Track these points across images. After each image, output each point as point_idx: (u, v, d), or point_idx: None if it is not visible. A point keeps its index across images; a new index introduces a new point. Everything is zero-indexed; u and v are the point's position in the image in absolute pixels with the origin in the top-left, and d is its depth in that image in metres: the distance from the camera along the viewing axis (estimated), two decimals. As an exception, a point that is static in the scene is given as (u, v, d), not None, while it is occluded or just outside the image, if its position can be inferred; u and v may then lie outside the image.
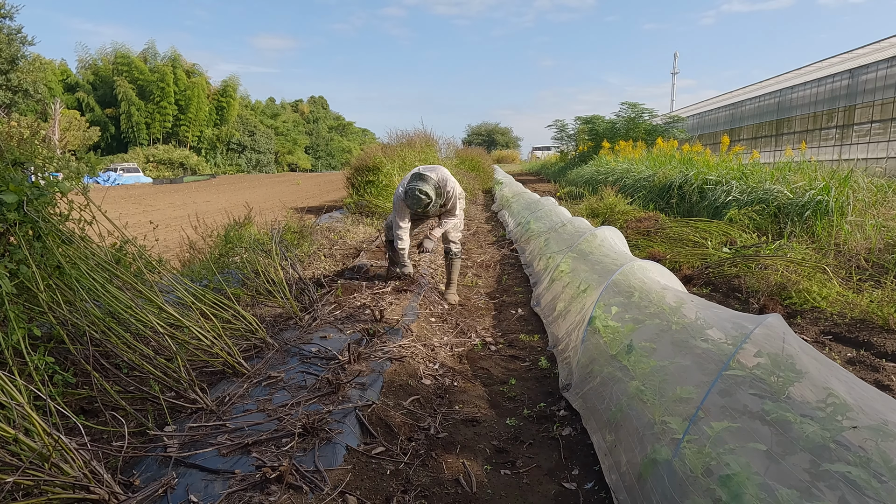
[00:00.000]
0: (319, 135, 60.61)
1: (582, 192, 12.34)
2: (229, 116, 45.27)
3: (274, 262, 3.99)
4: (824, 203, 5.90)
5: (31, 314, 2.28)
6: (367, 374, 2.59)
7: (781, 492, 1.33)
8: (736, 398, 1.69)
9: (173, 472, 1.76)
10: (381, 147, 11.92)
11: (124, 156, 36.59)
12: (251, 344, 2.94)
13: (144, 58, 40.69)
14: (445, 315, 4.17)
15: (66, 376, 2.20)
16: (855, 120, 12.70)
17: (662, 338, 2.31)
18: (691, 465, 1.56)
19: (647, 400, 1.99)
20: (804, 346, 1.78)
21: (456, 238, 4.48)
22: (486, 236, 8.55)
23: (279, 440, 1.97)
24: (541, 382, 2.99)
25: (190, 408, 2.22)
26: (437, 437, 2.30)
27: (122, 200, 17.56)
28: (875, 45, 13.54)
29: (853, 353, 3.08)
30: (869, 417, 1.46)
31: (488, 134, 71.40)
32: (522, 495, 1.97)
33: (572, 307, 3.46)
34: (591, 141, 22.19)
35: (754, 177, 7.68)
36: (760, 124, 17.40)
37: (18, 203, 2.24)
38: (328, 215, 9.13)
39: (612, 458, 2.01)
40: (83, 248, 2.55)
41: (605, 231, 4.37)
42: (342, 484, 1.76)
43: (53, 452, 1.52)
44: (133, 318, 2.37)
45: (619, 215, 8.00)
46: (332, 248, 6.36)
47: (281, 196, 17.65)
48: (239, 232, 5.28)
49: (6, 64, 24.68)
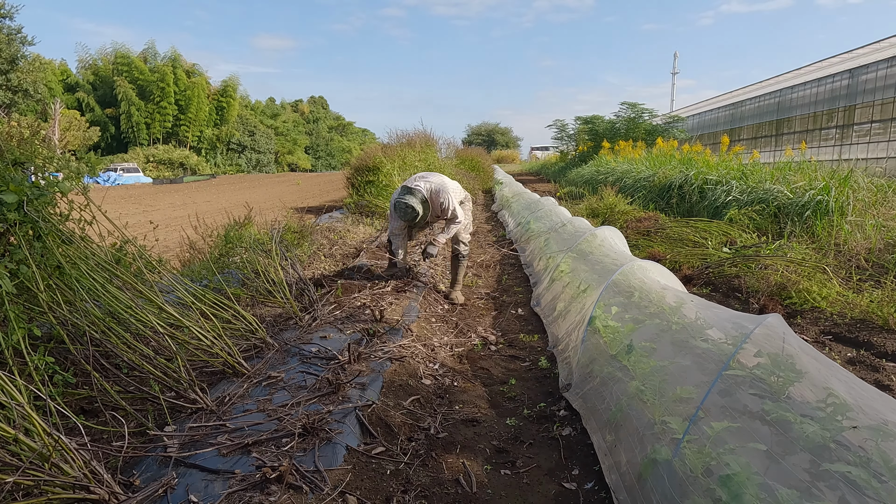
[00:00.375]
0: (319, 135, 60.61)
1: (582, 192, 12.34)
2: (229, 116, 45.27)
3: (274, 262, 3.99)
4: (824, 203, 5.90)
5: (31, 314, 2.28)
6: (367, 374, 2.59)
7: (781, 492, 1.33)
8: (736, 398, 1.69)
9: (173, 472, 1.76)
10: (381, 147, 11.91)
11: (124, 156, 36.60)
12: (251, 344, 2.94)
13: (144, 58, 40.69)
14: (445, 315, 4.17)
15: (66, 376, 2.20)
16: (855, 120, 12.70)
17: (662, 338, 2.31)
18: (691, 465, 1.56)
19: (648, 400, 1.99)
20: (804, 346, 1.78)
21: (465, 240, 4.54)
22: (486, 236, 8.55)
23: (279, 440, 1.96)
24: (541, 382, 2.99)
25: (190, 408, 2.22)
26: (437, 437, 2.30)
27: (122, 200, 17.56)
28: (875, 45, 13.54)
29: (853, 353, 3.08)
30: (869, 417, 1.46)
31: (488, 134, 71.40)
32: (522, 495, 1.97)
33: (572, 307, 3.46)
34: (591, 141, 22.20)
35: (754, 177, 7.68)
36: (760, 124, 17.40)
37: (18, 203, 2.24)
38: (328, 215, 9.12)
39: (612, 458, 2.01)
40: (83, 248, 2.55)
41: (605, 231, 4.37)
42: (342, 484, 1.76)
43: (53, 452, 1.52)
44: (133, 318, 2.37)
45: (619, 215, 8.00)
46: (332, 248, 6.36)
47: (281, 196, 17.65)
48: (239, 232, 5.28)
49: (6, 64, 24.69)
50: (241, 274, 4.11)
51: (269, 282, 3.73)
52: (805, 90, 14.88)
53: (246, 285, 3.95)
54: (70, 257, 2.42)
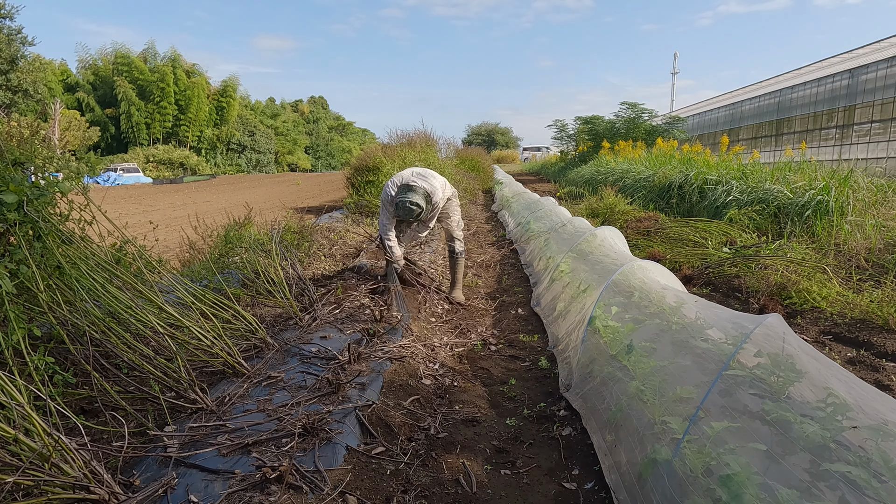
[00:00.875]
0: (319, 135, 60.60)
1: (582, 192, 12.34)
2: (229, 116, 45.27)
3: (274, 262, 3.99)
4: (824, 203, 5.90)
5: (31, 314, 2.28)
6: (367, 374, 2.59)
7: (781, 492, 1.33)
8: (736, 398, 1.69)
9: (173, 472, 1.76)
10: (381, 147, 11.91)
11: (124, 156, 36.59)
12: (251, 344, 2.94)
13: (144, 58, 40.68)
14: (445, 315, 4.17)
15: (66, 376, 2.20)
16: (855, 120, 12.71)
17: (662, 338, 2.31)
18: (691, 465, 1.56)
19: (647, 400, 1.99)
20: (804, 345, 1.78)
21: (459, 236, 4.49)
22: (486, 236, 8.55)
23: (279, 440, 1.96)
24: (541, 382, 2.99)
25: (190, 408, 2.22)
26: (437, 437, 2.30)
27: (122, 200, 17.56)
28: (875, 45, 13.54)
29: (853, 353, 3.08)
30: (869, 417, 1.46)
31: (488, 134, 71.38)
32: (522, 495, 1.97)
33: (572, 307, 3.46)
34: (590, 141, 22.19)
35: (754, 177, 7.68)
36: (760, 124, 17.41)
37: (18, 203, 2.24)
38: (328, 215, 9.12)
39: (612, 458, 2.01)
40: (83, 248, 2.55)
41: (604, 231, 4.37)
42: (342, 484, 1.76)
43: (53, 452, 1.52)
44: (133, 318, 2.37)
45: (619, 215, 8.00)
46: (332, 248, 6.36)
47: (281, 196, 17.65)
48: (239, 232, 5.28)
49: (6, 64, 24.69)
50: (241, 274, 4.11)
51: (269, 282, 3.73)
52: (805, 90, 14.89)
53: (246, 285, 3.95)
54: (70, 257, 2.42)
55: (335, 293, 4.01)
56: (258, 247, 4.65)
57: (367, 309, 3.63)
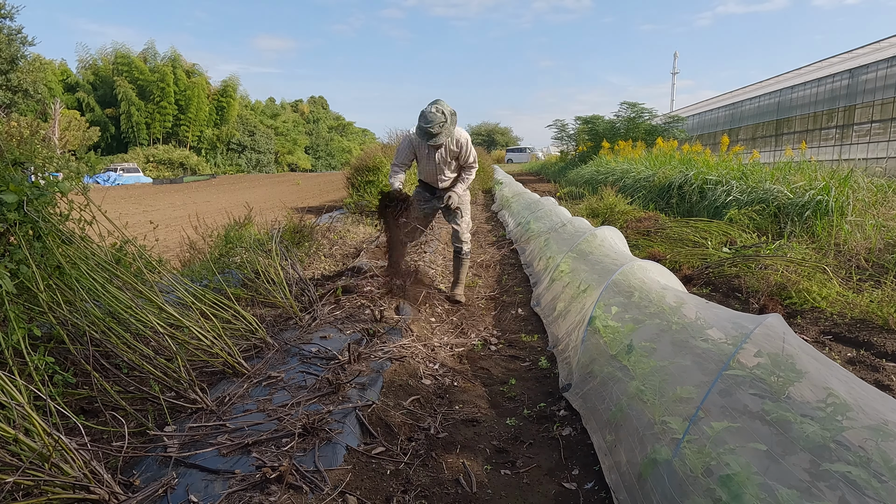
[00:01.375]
0: (319, 135, 60.61)
1: (582, 192, 12.34)
2: (229, 116, 45.28)
3: (274, 262, 3.99)
4: (824, 203, 5.90)
5: (31, 314, 2.28)
6: (367, 374, 2.59)
7: (781, 492, 1.33)
8: (736, 398, 1.69)
9: (173, 472, 1.76)
10: (381, 147, 11.91)
11: (124, 156, 36.61)
12: (251, 344, 2.94)
13: (144, 58, 40.70)
14: (445, 315, 4.17)
15: (66, 376, 2.20)
16: (855, 120, 12.71)
17: (662, 338, 2.31)
18: (691, 465, 1.56)
19: (648, 400, 1.99)
20: (804, 345, 1.78)
21: (467, 238, 4.53)
22: (486, 236, 8.55)
23: (279, 440, 1.96)
24: (541, 382, 2.99)
25: (190, 408, 2.22)
26: (437, 437, 2.30)
27: (122, 200, 17.56)
28: (875, 45, 13.55)
29: (853, 353, 3.08)
30: (869, 417, 1.46)
31: (488, 134, 71.43)
32: (522, 495, 1.97)
33: (572, 307, 3.46)
34: (591, 141, 22.19)
35: (754, 177, 7.68)
36: (760, 124, 17.41)
37: (18, 203, 2.24)
38: (328, 215, 9.13)
39: (612, 458, 2.01)
40: (83, 248, 2.55)
41: (604, 231, 4.37)
42: (342, 484, 1.76)
43: (53, 452, 1.52)
44: (133, 318, 2.37)
45: (619, 215, 8.00)
46: (332, 248, 6.36)
47: (281, 196, 17.65)
48: (239, 232, 5.28)
49: (6, 64, 24.70)
50: (241, 274, 4.11)
51: (269, 282, 3.73)
52: (805, 90, 14.89)
53: (246, 285, 3.95)
54: (70, 257, 2.42)
55: (335, 293, 4.02)
56: (258, 247, 4.65)
57: (367, 309, 3.63)
